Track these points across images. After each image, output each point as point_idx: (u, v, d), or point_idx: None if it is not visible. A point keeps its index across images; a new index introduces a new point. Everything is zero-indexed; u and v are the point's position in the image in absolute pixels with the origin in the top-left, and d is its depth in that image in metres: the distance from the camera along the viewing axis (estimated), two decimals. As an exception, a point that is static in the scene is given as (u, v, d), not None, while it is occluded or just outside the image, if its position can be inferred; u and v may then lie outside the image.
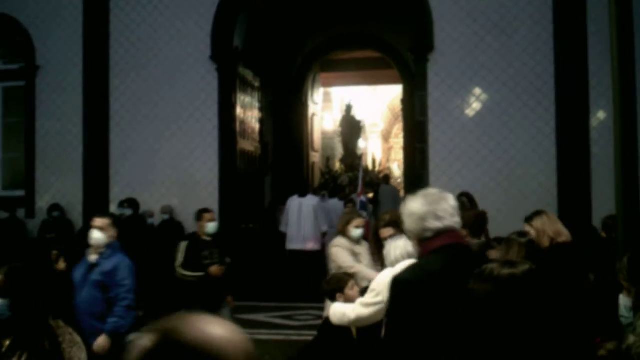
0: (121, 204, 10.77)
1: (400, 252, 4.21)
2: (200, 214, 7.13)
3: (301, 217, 11.46)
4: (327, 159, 20.04)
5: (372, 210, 12.39)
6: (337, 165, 19.56)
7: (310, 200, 11.69)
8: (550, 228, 5.02)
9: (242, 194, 11.38)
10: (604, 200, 8.47)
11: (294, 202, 11.71)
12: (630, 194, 3.13)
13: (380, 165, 22.63)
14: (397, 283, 2.61)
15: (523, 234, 4.90)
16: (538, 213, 5.27)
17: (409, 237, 2.82)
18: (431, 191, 2.76)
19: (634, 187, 3.15)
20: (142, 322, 9.21)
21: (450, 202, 2.69)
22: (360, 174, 11.10)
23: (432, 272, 2.53)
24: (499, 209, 9.95)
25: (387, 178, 16.10)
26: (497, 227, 9.79)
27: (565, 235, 5.02)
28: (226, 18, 11.18)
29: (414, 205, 2.67)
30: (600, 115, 9.84)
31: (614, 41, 3.27)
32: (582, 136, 9.94)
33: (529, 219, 5.24)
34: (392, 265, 4.17)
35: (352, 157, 18.69)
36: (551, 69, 10.12)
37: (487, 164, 10.20)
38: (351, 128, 20.25)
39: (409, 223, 2.70)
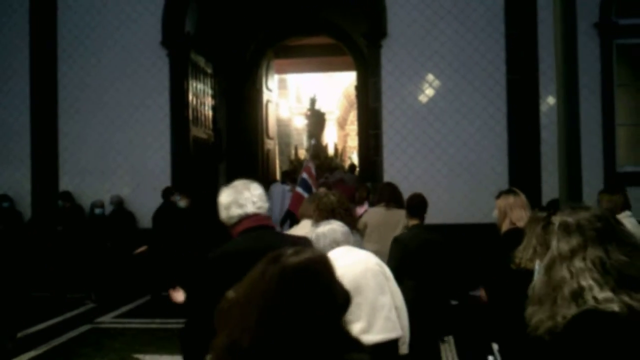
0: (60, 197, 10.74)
1: (328, 241, 4.09)
2: None
3: (284, 204, 11.52)
4: (295, 147, 21.57)
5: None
6: (303, 154, 20.51)
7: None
8: (513, 211, 4.75)
9: (195, 182, 11.25)
10: (553, 184, 8.60)
11: (277, 188, 12.15)
12: (573, 178, 3.18)
13: (341, 153, 23.15)
14: (203, 260, 3.05)
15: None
16: (507, 192, 4.99)
17: (226, 224, 3.16)
18: (237, 183, 3.15)
19: (577, 171, 3.20)
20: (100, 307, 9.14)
21: (253, 191, 3.08)
22: (309, 156, 11.20)
23: (230, 251, 2.95)
24: (451, 193, 10.07)
25: (353, 167, 16.27)
26: (450, 212, 9.94)
27: (524, 221, 4.78)
28: (177, 3, 10.99)
29: (222, 197, 3.10)
30: (550, 101, 10.00)
31: (558, 28, 3.30)
32: (533, 121, 10.10)
33: (497, 197, 4.97)
34: None
35: (317, 147, 19.49)
36: (502, 55, 10.24)
37: (439, 149, 10.28)
38: (316, 120, 21.32)
39: (220, 212, 3.10)
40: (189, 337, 2.90)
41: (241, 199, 3.06)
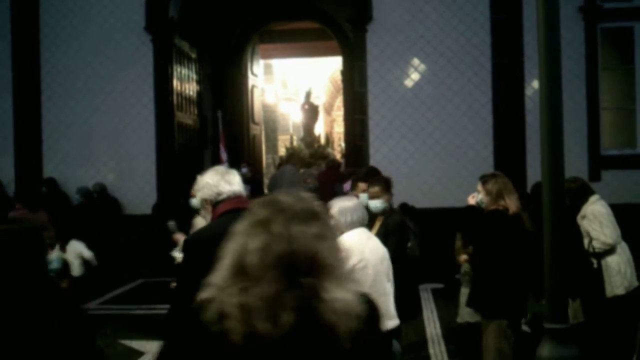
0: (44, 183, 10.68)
1: (356, 217, 4.06)
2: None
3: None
4: (291, 137, 23.12)
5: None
6: (296, 143, 21.89)
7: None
8: (503, 195, 4.83)
9: (180, 168, 11.19)
10: (538, 168, 8.63)
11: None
12: (556, 162, 3.19)
13: (332, 142, 23.72)
14: (186, 243, 3.11)
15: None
16: (494, 175, 5.02)
17: (204, 207, 3.17)
18: (219, 167, 3.29)
19: (560, 156, 3.21)
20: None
21: (235, 175, 3.19)
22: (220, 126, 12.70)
23: (215, 233, 2.90)
24: (437, 177, 10.10)
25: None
26: (436, 196, 9.98)
27: (502, 204, 4.85)
28: (161, -13, 10.88)
29: (208, 176, 3.14)
30: (534, 85, 10.01)
31: (541, 11, 3.29)
32: (518, 105, 10.12)
33: (485, 181, 4.95)
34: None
35: (310, 136, 21.55)
36: (488, 40, 10.23)
37: (425, 133, 10.29)
38: (310, 112, 22.45)
39: (205, 192, 3.12)
40: (172, 321, 2.91)
41: (228, 178, 3.13)
